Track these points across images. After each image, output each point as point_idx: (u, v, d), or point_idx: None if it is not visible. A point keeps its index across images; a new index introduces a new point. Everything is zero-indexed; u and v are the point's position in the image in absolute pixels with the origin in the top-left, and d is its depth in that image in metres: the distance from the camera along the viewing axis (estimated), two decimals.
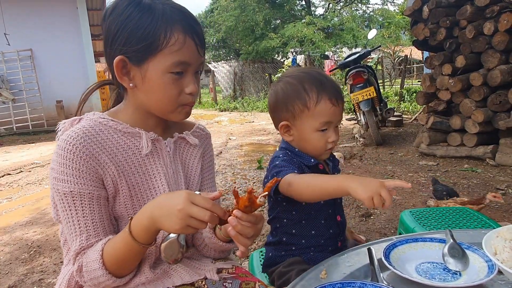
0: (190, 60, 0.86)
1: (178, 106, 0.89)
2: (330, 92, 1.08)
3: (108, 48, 0.87)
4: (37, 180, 4.59)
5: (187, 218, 0.73)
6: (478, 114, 3.93)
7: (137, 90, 0.88)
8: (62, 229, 0.94)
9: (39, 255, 2.52)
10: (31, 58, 9.87)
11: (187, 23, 0.85)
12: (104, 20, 0.88)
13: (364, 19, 18.97)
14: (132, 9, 0.83)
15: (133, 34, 0.82)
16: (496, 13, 3.71)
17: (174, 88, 0.86)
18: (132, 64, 0.85)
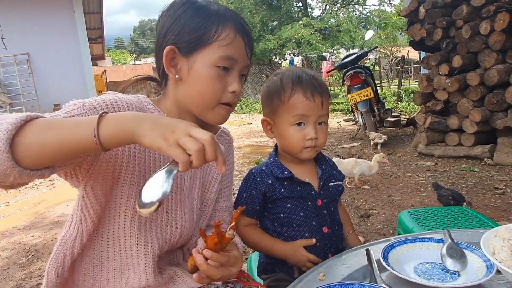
0: (238, 57, 0.87)
1: (218, 104, 0.88)
2: (306, 85, 1.05)
3: (160, 41, 0.88)
4: (35, 185, 4.57)
5: (173, 144, 0.61)
6: (476, 114, 3.93)
7: (181, 83, 0.88)
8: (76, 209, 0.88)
9: (37, 259, 2.51)
10: (28, 62, 9.85)
11: (239, 22, 0.87)
12: (159, 20, 0.91)
13: (361, 20, 19.03)
14: (187, 6, 0.86)
15: (187, 26, 0.85)
16: (492, 13, 3.72)
17: (218, 83, 0.86)
18: (181, 55, 0.86)
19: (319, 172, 1.14)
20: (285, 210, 1.09)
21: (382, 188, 3.40)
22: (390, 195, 3.21)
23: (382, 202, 3.05)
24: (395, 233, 1.91)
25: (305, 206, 1.10)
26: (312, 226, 1.10)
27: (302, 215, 1.09)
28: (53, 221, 3.21)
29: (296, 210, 1.09)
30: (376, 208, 2.95)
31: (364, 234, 2.52)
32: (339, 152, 4.98)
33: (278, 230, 1.11)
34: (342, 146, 5.44)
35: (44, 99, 9.87)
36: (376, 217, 2.79)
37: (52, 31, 10.16)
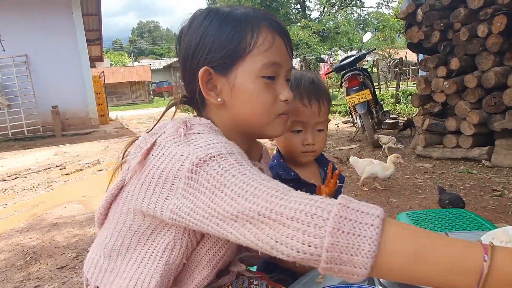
0: (281, 61, 0.78)
1: (275, 117, 0.79)
2: (304, 91, 1.04)
3: (188, 64, 0.78)
4: (33, 186, 4.56)
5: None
6: (473, 116, 3.95)
7: (225, 107, 0.78)
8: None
9: (35, 261, 2.50)
10: (26, 63, 9.85)
11: (274, 21, 0.78)
12: (180, 39, 0.81)
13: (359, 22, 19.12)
14: (212, 17, 0.76)
15: (217, 40, 0.75)
16: (490, 16, 3.74)
17: (268, 94, 0.77)
18: (218, 74, 0.76)
19: (322, 174, 1.16)
20: None
21: (380, 190, 3.41)
22: (388, 197, 3.22)
23: (380, 204, 3.04)
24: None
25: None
26: None
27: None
28: (51, 223, 3.20)
29: None
30: None
31: None
32: (337, 154, 4.99)
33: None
34: (340, 148, 5.45)
35: (42, 100, 9.87)
36: None
37: (51, 33, 10.18)
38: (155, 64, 45.90)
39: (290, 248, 0.55)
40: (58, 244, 2.74)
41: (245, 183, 0.61)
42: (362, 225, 0.53)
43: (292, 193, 0.59)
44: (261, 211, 0.57)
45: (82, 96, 10.74)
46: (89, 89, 10.93)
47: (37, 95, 9.90)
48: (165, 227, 0.75)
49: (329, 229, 0.52)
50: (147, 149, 0.72)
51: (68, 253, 2.57)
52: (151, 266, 0.76)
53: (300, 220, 0.54)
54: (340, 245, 0.52)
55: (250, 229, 0.59)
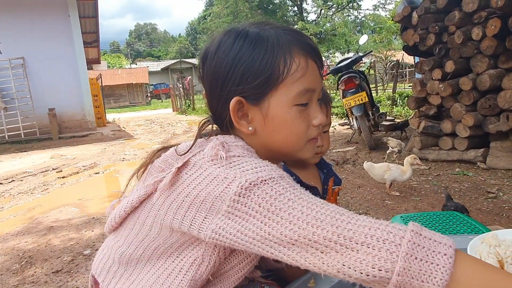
0: (315, 86, 0.76)
1: (306, 142, 0.78)
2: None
3: (217, 91, 0.76)
4: (29, 189, 4.55)
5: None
6: (469, 118, 3.97)
7: (256, 134, 0.77)
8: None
9: (31, 265, 2.50)
10: (23, 66, 9.83)
11: (305, 43, 0.75)
12: (206, 60, 0.78)
13: (356, 24, 19.21)
14: (241, 42, 0.73)
15: (249, 69, 0.71)
16: (484, 19, 3.77)
17: (302, 121, 0.75)
18: (250, 104, 0.74)
19: (322, 176, 1.18)
20: None
21: (376, 193, 3.42)
22: (384, 199, 3.23)
23: (376, 207, 3.07)
24: None
25: None
26: None
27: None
28: (47, 227, 3.19)
29: None
30: (370, 212, 2.96)
31: None
32: (334, 156, 5.01)
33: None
34: (337, 150, 5.47)
35: (39, 103, 9.86)
36: None
37: (47, 36, 10.16)
38: (153, 66, 45.88)
39: (359, 272, 0.55)
40: (54, 248, 2.74)
41: (304, 206, 0.61)
42: (435, 253, 0.54)
43: (359, 217, 0.59)
44: (327, 235, 0.57)
45: (79, 98, 10.72)
46: (86, 92, 10.91)
47: (34, 97, 9.88)
48: (193, 243, 0.75)
49: (402, 254, 0.53)
50: (179, 168, 0.72)
51: (64, 257, 2.57)
52: (175, 279, 0.76)
53: (371, 245, 0.55)
54: (412, 271, 0.53)
55: (314, 253, 0.59)
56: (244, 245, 0.65)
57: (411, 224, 0.57)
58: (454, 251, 0.54)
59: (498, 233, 0.87)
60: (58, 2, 10.29)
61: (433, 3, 4.37)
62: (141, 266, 0.81)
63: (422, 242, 0.54)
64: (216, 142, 0.73)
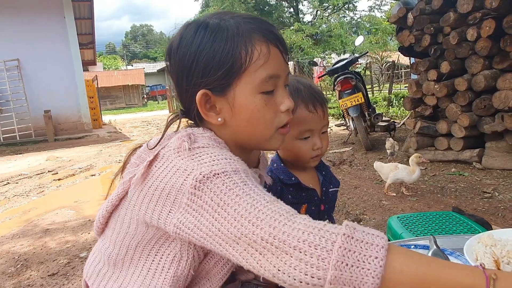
0: (279, 72, 0.75)
1: (275, 131, 0.78)
2: (307, 98, 1.05)
3: (184, 84, 0.76)
4: (25, 192, 4.52)
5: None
6: (464, 119, 3.99)
7: (225, 125, 0.76)
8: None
9: (26, 268, 2.48)
10: (18, 68, 9.78)
11: (266, 30, 0.74)
12: (170, 55, 0.78)
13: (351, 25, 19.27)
14: (202, 34, 0.73)
15: (211, 61, 0.71)
16: (479, 20, 3.80)
17: (269, 109, 0.75)
18: (216, 96, 0.74)
19: (321, 178, 1.18)
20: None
21: (373, 193, 3.43)
22: (380, 200, 3.24)
23: (372, 207, 3.08)
24: None
25: (309, 212, 1.12)
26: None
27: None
28: (43, 229, 3.17)
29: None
30: (367, 213, 2.97)
31: None
32: (330, 157, 5.01)
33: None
34: (333, 151, 5.48)
35: (35, 105, 9.80)
36: (366, 222, 2.81)
37: (43, 37, 10.12)
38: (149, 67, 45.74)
39: (292, 278, 0.54)
40: (49, 251, 2.72)
41: (248, 204, 0.60)
42: (366, 257, 0.53)
43: (296, 219, 0.58)
44: (264, 236, 0.56)
45: (75, 100, 10.68)
46: (82, 93, 10.87)
47: (29, 99, 9.83)
48: (169, 238, 0.75)
49: (333, 261, 0.52)
50: (150, 161, 0.72)
51: (59, 260, 2.55)
52: (159, 277, 0.76)
53: (303, 250, 0.54)
54: (344, 278, 0.52)
55: (253, 254, 0.58)
56: (200, 241, 0.65)
57: (344, 224, 0.56)
58: (385, 251, 0.53)
59: (493, 233, 0.88)
60: (53, 4, 10.25)
61: (428, 4, 4.40)
62: (127, 267, 0.81)
63: (353, 246, 0.53)
64: (183, 133, 0.73)
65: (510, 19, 3.51)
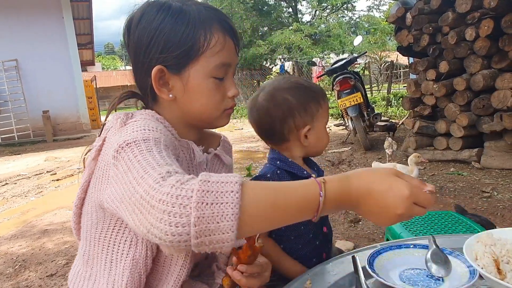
0: (231, 61, 0.83)
1: (222, 112, 0.86)
2: (324, 94, 1.17)
3: (140, 59, 0.81)
4: (23, 192, 4.51)
5: (400, 219, 0.65)
6: (463, 118, 4.00)
7: (176, 102, 0.82)
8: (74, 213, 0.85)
9: (24, 269, 2.47)
10: (16, 68, 9.76)
11: (225, 22, 0.81)
12: (130, 30, 0.82)
13: (350, 25, 19.26)
14: (163, 15, 0.78)
15: (171, 40, 0.77)
16: (477, 19, 3.80)
17: (217, 93, 0.83)
18: (171, 73, 0.80)
19: (315, 175, 1.18)
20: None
21: None
22: None
23: None
24: (384, 238, 1.92)
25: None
26: (316, 226, 1.15)
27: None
28: (41, 230, 3.16)
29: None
30: None
31: (354, 239, 2.53)
32: (329, 156, 5.01)
33: (283, 234, 1.12)
34: (332, 150, 5.48)
35: (33, 105, 9.78)
36: (365, 222, 2.81)
37: (41, 37, 10.09)
38: None
39: (160, 231, 0.55)
40: (48, 251, 2.71)
41: (142, 167, 0.62)
42: (223, 193, 0.55)
43: (171, 177, 0.59)
44: (142, 194, 0.58)
45: (74, 100, 10.65)
46: (81, 94, 10.85)
47: (28, 100, 9.80)
48: (123, 223, 0.77)
49: (193, 204, 0.54)
50: (100, 145, 0.78)
51: (58, 260, 2.54)
52: (120, 263, 0.79)
53: (166, 202, 0.55)
54: (206, 216, 0.54)
55: (136, 213, 0.59)
56: (117, 212, 0.66)
57: (201, 174, 0.58)
58: (239, 186, 0.57)
59: (493, 232, 0.87)
60: (51, 4, 10.23)
61: (427, 4, 4.40)
62: (96, 263, 0.82)
63: (210, 187, 0.56)
64: (122, 112, 0.79)
65: (508, 18, 3.52)
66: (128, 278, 0.77)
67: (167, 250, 0.58)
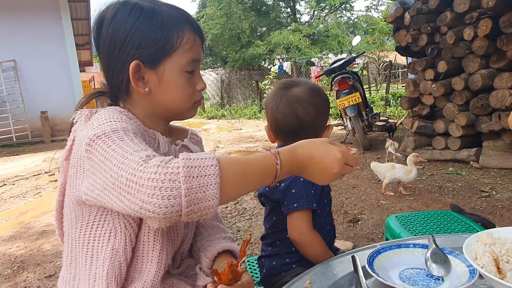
0: (200, 57, 0.91)
1: (192, 104, 0.93)
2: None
3: (115, 55, 0.85)
4: (21, 193, 4.49)
5: (336, 177, 0.78)
6: (461, 118, 4.00)
7: (150, 95, 0.88)
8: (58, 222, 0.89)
9: (23, 270, 2.46)
10: (14, 69, 9.72)
11: (193, 21, 0.90)
12: (101, 27, 0.86)
13: (348, 25, 19.25)
14: (138, 14, 0.83)
15: (146, 38, 0.83)
16: (475, 19, 3.80)
17: (189, 86, 0.90)
18: (146, 68, 0.85)
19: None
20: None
21: (371, 193, 3.43)
22: (378, 199, 3.24)
23: (370, 207, 3.08)
24: (383, 237, 1.92)
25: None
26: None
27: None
28: (39, 231, 3.15)
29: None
30: (365, 212, 2.97)
31: (353, 239, 2.53)
32: None
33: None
34: None
35: (31, 106, 9.74)
36: (365, 222, 2.81)
37: (39, 38, 10.05)
38: None
39: (153, 205, 0.62)
40: (46, 252, 2.71)
41: (119, 154, 0.68)
42: (205, 167, 0.65)
43: (152, 160, 0.65)
44: (128, 176, 0.64)
45: (72, 101, 10.60)
46: (79, 94, 10.80)
47: (26, 100, 9.76)
48: (102, 216, 0.82)
49: (182, 179, 0.62)
50: (70, 145, 0.83)
51: (56, 261, 2.54)
52: (100, 256, 0.82)
53: (155, 179, 0.62)
54: (194, 187, 0.63)
55: (123, 195, 0.65)
56: (99, 200, 0.72)
57: (181, 154, 0.66)
58: (216, 160, 0.66)
59: (492, 231, 0.87)
60: (49, 4, 10.20)
61: (425, 4, 4.40)
62: (79, 264, 0.85)
63: (192, 163, 0.64)
64: (86, 109, 0.84)
65: (506, 18, 3.52)
66: (109, 267, 0.81)
67: (157, 223, 0.64)
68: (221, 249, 0.99)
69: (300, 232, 1.09)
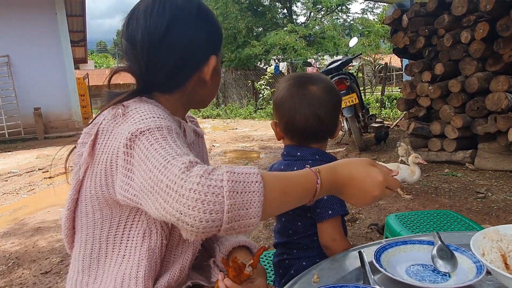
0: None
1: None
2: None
3: (190, 53, 0.84)
4: (14, 190, 4.45)
5: (375, 201, 0.78)
6: (457, 120, 4.03)
7: (203, 87, 0.90)
8: (67, 214, 0.83)
9: (18, 267, 2.43)
10: (7, 64, 9.62)
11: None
12: (172, 29, 0.81)
13: (344, 27, 19.34)
14: (205, 11, 0.87)
15: (219, 32, 0.90)
16: (473, 22, 3.84)
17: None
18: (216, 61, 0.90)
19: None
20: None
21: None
22: None
23: (368, 207, 3.09)
24: (382, 237, 1.93)
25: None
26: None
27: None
28: (34, 228, 3.12)
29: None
30: (363, 212, 2.98)
31: (351, 238, 2.53)
32: None
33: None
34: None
35: (25, 103, 9.64)
36: (362, 221, 2.82)
37: (33, 33, 9.96)
38: None
39: (193, 218, 0.58)
40: (41, 249, 2.68)
41: (162, 156, 0.64)
42: (250, 183, 0.62)
43: (195, 168, 0.61)
44: (168, 183, 0.60)
45: (66, 98, 10.53)
46: (73, 91, 10.72)
47: (19, 97, 9.66)
48: (135, 216, 0.79)
49: (226, 193, 0.59)
50: (93, 140, 0.76)
51: (52, 258, 2.51)
52: (135, 255, 0.79)
53: (198, 191, 0.58)
54: (238, 204, 0.60)
55: (160, 202, 0.61)
56: (134, 201, 0.68)
57: (224, 166, 0.63)
58: (261, 177, 0.64)
59: (499, 228, 0.87)
60: (44, 0, 10.11)
61: (423, 7, 4.43)
62: (103, 264, 0.81)
63: (237, 178, 0.61)
64: (114, 106, 0.79)
65: (503, 22, 3.56)
66: (146, 266, 0.79)
67: (193, 236, 0.60)
68: (236, 244, 0.98)
69: (334, 239, 1.07)
